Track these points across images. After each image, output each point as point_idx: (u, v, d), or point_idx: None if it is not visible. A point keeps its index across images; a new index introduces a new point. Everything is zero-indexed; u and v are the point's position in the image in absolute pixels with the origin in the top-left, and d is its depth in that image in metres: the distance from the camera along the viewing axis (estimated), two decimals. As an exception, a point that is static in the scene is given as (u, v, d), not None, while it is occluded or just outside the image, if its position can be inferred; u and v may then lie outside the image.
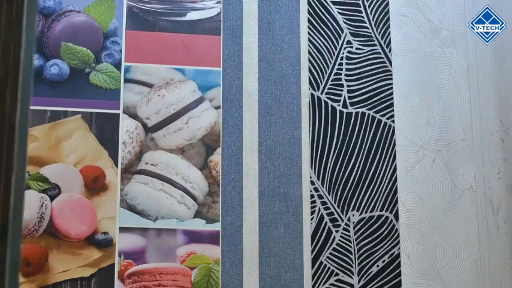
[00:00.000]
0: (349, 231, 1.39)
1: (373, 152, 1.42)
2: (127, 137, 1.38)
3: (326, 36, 1.46)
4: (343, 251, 1.38)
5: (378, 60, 1.46)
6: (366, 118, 1.43)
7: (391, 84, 1.45)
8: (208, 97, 1.41)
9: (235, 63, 1.42)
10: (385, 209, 1.40)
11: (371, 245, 1.39)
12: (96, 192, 1.37)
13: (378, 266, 1.38)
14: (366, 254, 1.39)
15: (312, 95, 1.43)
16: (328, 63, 1.45)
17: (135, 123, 1.39)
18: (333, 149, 1.42)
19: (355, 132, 1.43)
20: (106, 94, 1.39)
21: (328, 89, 1.44)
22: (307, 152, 1.41)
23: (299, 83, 1.43)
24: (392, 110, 1.44)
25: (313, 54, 1.44)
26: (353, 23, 1.46)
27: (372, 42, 1.46)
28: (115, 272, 1.34)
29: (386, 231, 1.39)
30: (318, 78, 1.44)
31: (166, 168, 1.38)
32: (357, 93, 1.44)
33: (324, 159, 1.41)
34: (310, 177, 1.40)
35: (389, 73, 1.45)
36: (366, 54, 1.46)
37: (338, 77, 1.44)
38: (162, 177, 1.37)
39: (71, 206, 1.35)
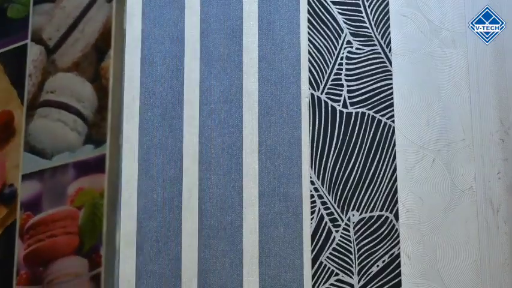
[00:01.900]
0: (349, 231, 1.39)
1: (373, 152, 1.42)
2: (32, 67, 1.23)
3: (326, 36, 1.46)
4: (343, 251, 1.38)
5: (378, 60, 1.46)
6: (366, 118, 1.43)
7: (391, 84, 1.45)
8: None
9: (235, 63, 1.42)
10: (385, 209, 1.40)
11: (371, 245, 1.39)
12: (6, 139, 1.22)
13: (378, 266, 1.38)
14: (366, 254, 1.39)
15: (312, 95, 1.43)
16: (328, 63, 1.45)
17: (39, 48, 1.24)
18: (333, 149, 1.41)
19: (355, 132, 1.43)
20: (19, 25, 1.25)
21: (328, 89, 1.44)
22: (307, 152, 1.41)
23: (299, 83, 1.43)
24: (393, 110, 1.44)
25: (313, 54, 1.44)
26: (353, 23, 1.46)
27: (372, 42, 1.46)
28: (16, 229, 1.19)
29: (386, 231, 1.39)
30: (318, 78, 1.44)
31: (63, 93, 1.22)
32: (357, 93, 1.44)
33: (324, 159, 1.41)
34: (310, 177, 1.40)
35: (389, 73, 1.45)
36: (366, 54, 1.46)
37: (338, 77, 1.44)
38: (59, 104, 1.22)
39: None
